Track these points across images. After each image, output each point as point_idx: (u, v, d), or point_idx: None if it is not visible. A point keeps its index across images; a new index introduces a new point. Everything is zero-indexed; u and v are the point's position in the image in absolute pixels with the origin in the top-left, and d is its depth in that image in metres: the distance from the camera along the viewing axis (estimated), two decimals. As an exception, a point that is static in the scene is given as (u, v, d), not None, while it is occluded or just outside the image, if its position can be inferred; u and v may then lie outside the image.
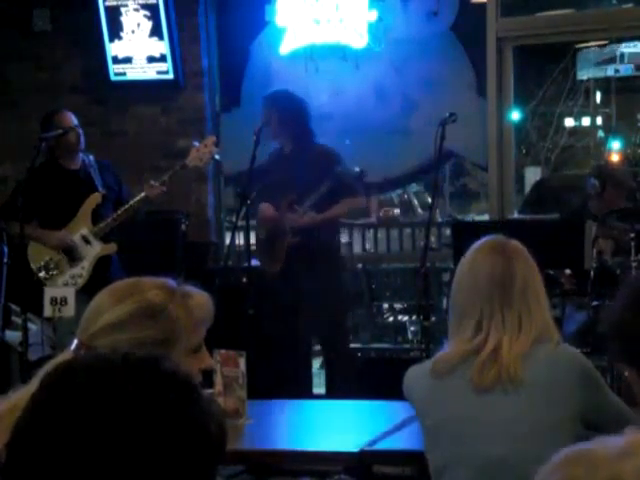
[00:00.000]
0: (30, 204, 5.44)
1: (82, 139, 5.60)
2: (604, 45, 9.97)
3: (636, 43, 9.30)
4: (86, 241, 5.49)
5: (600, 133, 12.45)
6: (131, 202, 5.47)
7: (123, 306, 1.85)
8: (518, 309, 2.51)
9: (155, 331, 1.84)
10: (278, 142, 5.62)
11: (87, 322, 1.88)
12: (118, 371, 1.12)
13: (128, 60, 6.90)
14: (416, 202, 10.52)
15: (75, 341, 1.86)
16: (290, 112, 5.50)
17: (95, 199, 5.56)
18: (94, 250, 5.49)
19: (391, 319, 7.03)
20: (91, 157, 5.70)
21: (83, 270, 5.44)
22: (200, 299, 1.95)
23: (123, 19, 6.85)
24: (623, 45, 9.62)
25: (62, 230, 5.48)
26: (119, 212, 5.49)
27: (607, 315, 1.73)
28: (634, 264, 5.27)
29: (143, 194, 5.44)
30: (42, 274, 5.41)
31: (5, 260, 5.37)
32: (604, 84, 11.75)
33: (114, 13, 6.85)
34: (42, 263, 5.44)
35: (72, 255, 5.47)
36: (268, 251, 5.56)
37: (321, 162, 5.42)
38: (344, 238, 7.29)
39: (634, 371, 1.68)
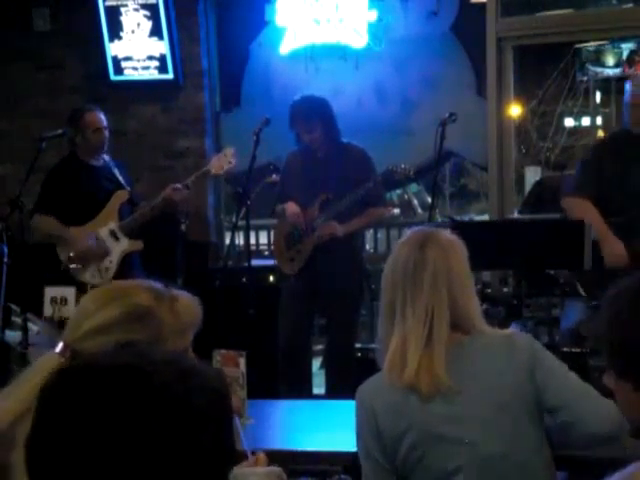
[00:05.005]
0: (55, 198, 5.54)
1: (106, 141, 5.65)
2: (604, 45, 9.97)
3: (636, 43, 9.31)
4: (114, 236, 5.56)
5: (600, 133, 12.43)
6: (156, 201, 5.52)
7: (108, 310, 1.83)
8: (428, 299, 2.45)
9: (140, 334, 1.81)
10: (312, 146, 5.42)
11: (73, 325, 1.86)
12: (101, 379, 1.14)
13: (128, 60, 6.90)
14: (416, 202, 10.51)
15: (60, 343, 1.83)
16: (330, 117, 5.40)
17: (123, 196, 5.64)
18: (122, 245, 5.56)
19: (391, 319, 7.01)
20: (107, 156, 5.74)
21: (111, 264, 5.51)
22: (188, 303, 1.93)
23: (123, 19, 6.85)
24: (623, 45, 9.62)
25: (85, 226, 5.54)
26: (145, 210, 5.55)
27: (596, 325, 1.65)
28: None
29: (166, 195, 5.49)
30: (72, 265, 5.48)
31: (5, 260, 5.36)
32: (604, 84, 11.74)
33: (114, 13, 6.85)
34: (70, 255, 5.51)
35: (100, 249, 5.54)
36: (288, 249, 5.50)
37: (358, 166, 5.35)
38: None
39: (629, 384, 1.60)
